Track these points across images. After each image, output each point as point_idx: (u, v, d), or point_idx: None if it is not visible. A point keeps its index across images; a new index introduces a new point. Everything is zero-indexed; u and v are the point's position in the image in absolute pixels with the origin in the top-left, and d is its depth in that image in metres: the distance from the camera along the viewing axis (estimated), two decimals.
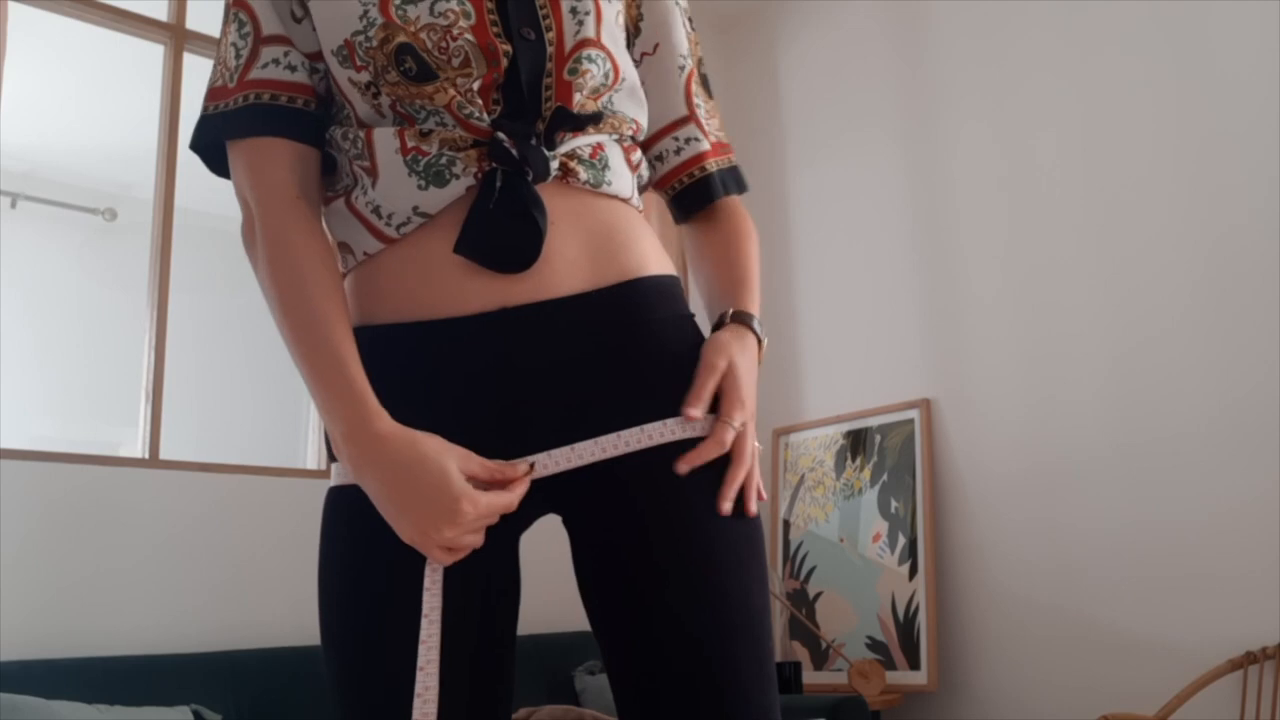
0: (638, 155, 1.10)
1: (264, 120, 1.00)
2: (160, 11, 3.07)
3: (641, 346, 1.01)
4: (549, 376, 0.98)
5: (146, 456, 2.82)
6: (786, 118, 4.08)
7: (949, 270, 3.48)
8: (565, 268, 0.99)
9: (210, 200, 4.77)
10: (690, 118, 1.15)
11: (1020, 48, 3.37)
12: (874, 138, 3.76)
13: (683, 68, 1.15)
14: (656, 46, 1.15)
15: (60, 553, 2.55)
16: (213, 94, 1.03)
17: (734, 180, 1.17)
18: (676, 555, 0.96)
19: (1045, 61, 3.30)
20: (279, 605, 2.82)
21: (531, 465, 0.96)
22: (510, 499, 0.94)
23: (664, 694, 0.95)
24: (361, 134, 1.01)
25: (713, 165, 1.15)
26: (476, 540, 0.93)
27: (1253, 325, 2.77)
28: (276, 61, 1.02)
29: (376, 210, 1.00)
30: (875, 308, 3.67)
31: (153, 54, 3.11)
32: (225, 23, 1.05)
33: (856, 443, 3.62)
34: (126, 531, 2.65)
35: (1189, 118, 2.96)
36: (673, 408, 0.99)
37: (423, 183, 0.98)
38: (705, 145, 1.15)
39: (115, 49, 3.40)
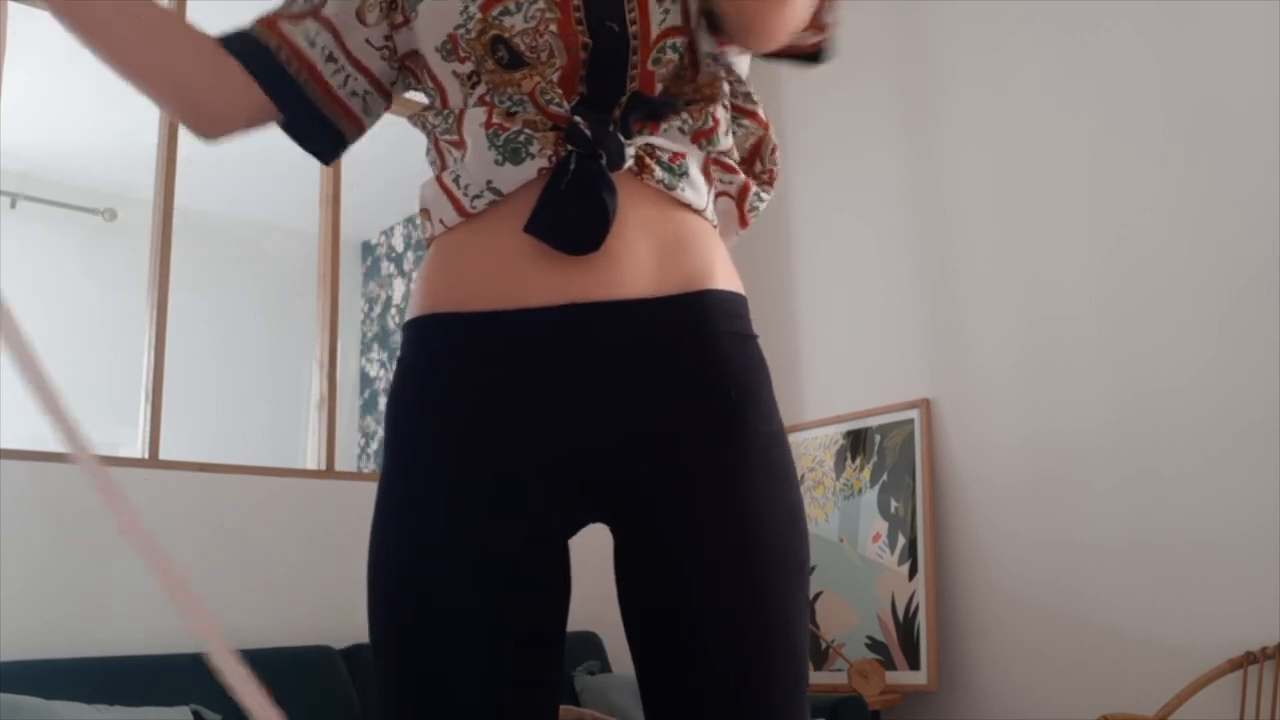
0: (716, 171, 1.10)
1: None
2: None
3: (704, 367, 1.00)
4: (610, 387, 0.98)
5: (146, 456, 2.82)
6: (786, 118, 4.08)
7: (949, 270, 3.48)
8: (633, 269, 0.99)
9: (210, 200, 4.80)
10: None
11: (1021, 48, 3.37)
12: (874, 138, 3.76)
13: None
14: None
15: (60, 553, 2.55)
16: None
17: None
18: (714, 586, 0.95)
19: (1046, 62, 3.30)
20: (279, 605, 2.82)
21: None
22: None
23: (707, 713, 0.95)
24: (454, 111, 1.04)
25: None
26: None
27: (1254, 326, 2.77)
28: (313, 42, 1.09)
29: (457, 180, 1.03)
30: (875, 308, 3.67)
31: None
32: None
33: (856, 443, 3.62)
34: None
35: (1192, 120, 2.96)
36: (724, 432, 0.99)
37: (500, 158, 1.00)
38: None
39: None
